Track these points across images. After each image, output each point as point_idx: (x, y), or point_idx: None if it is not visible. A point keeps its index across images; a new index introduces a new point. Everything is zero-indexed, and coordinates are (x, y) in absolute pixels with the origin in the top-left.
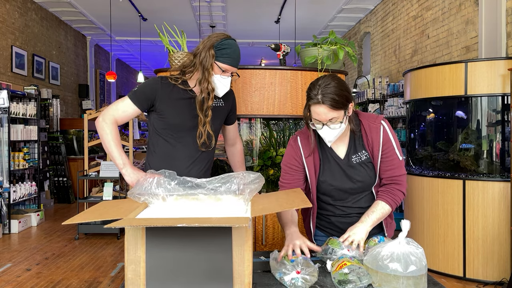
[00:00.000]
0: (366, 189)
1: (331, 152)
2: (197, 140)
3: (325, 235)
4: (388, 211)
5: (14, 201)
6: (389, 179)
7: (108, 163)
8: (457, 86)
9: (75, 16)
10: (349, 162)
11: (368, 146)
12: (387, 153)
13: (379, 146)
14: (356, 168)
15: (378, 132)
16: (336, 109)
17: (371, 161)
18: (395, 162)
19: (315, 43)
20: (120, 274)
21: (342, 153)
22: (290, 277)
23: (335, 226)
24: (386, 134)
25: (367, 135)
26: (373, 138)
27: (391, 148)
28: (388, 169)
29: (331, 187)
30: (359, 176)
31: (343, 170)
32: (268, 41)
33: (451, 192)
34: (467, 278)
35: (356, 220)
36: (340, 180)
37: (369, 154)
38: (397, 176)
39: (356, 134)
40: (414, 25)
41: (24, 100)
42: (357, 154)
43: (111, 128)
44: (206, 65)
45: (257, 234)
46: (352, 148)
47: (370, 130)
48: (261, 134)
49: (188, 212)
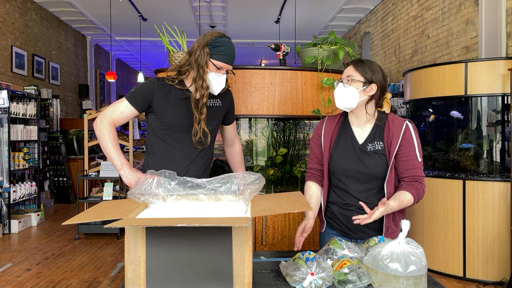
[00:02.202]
0: (373, 181)
1: (351, 135)
2: (192, 138)
3: (329, 226)
4: (409, 200)
5: (14, 201)
6: (410, 178)
7: (108, 163)
8: (457, 86)
9: (75, 16)
10: (364, 147)
11: (387, 139)
12: (407, 153)
13: (398, 140)
14: (368, 154)
15: (400, 128)
16: (357, 71)
17: (384, 153)
18: (415, 163)
19: (315, 43)
20: (120, 274)
21: (361, 139)
22: (308, 281)
23: (335, 217)
24: (409, 133)
25: (389, 128)
26: (394, 132)
27: (412, 148)
28: (409, 168)
29: (340, 166)
30: (368, 161)
31: (355, 152)
32: (268, 41)
33: (451, 192)
34: (467, 278)
35: (356, 213)
36: (348, 160)
37: (385, 146)
38: (419, 176)
39: (380, 126)
40: (414, 25)
41: (24, 100)
42: (374, 143)
43: (108, 129)
44: (201, 63)
45: (257, 234)
46: (372, 136)
47: (393, 124)
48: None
49: (188, 212)
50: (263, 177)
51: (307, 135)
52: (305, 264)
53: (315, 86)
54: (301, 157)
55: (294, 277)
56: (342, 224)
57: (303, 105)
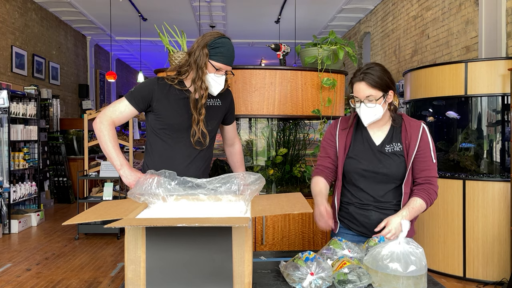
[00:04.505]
0: (391, 181)
1: (368, 137)
2: (191, 139)
3: (343, 226)
4: (423, 208)
5: (14, 201)
6: (424, 179)
7: (108, 163)
8: (457, 86)
9: (75, 16)
10: (382, 149)
11: (405, 140)
12: (423, 154)
13: (416, 142)
14: (387, 156)
15: (417, 130)
16: (374, 87)
17: (403, 155)
18: (430, 164)
19: (315, 43)
20: (120, 274)
21: (378, 140)
22: (308, 281)
23: (353, 217)
24: (426, 135)
25: (406, 130)
26: (412, 134)
27: (428, 150)
28: (423, 169)
29: (357, 167)
30: (387, 163)
31: (373, 154)
32: (268, 41)
33: (451, 192)
34: (467, 278)
35: (374, 213)
36: (367, 161)
37: (404, 148)
38: (432, 177)
39: (396, 127)
40: (414, 25)
41: (24, 100)
42: (392, 145)
43: (108, 129)
44: (200, 64)
45: (257, 234)
46: (389, 138)
47: (410, 126)
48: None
49: (188, 212)
50: (263, 177)
51: (307, 135)
52: (304, 264)
53: (315, 86)
54: (301, 157)
55: (293, 277)
56: (360, 224)
57: (303, 105)
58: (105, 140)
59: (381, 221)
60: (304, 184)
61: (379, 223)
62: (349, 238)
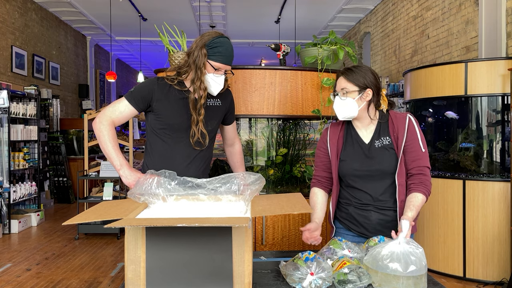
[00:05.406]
0: (386, 177)
1: (357, 137)
2: (190, 139)
3: (343, 227)
4: (424, 201)
5: (14, 201)
6: (416, 169)
7: (108, 163)
8: (457, 86)
9: (75, 16)
10: (371, 146)
11: (393, 133)
12: (412, 144)
13: (404, 133)
14: (377, 151)
15: (404, 122)
16: (350, 81)
17: (393, 147)
18: (420, 153)
19: (315, 43)
20: (120, 274)
21: (367, 139)
22: (308, 281)
23: (352, 218)
24: (412, 125)
25: (393, 123)
26: (399, 126)
27: (415, 139)
28: (414, 159)
29: (351, 168)
30: (378, 158)
31: (364, 153)
32: (268, 41)
33: (451, 192)
34: (467, 278)
35: (374, 213)
36: (359, 161)
37: (393, 140)
38: (424, 167)
39: (382, 123)
40: (414, 25)
41: (24, 100)
42: (380, 139)
43: (108, 129)
44: (198, 64)
45: (257, 234)
46: (377, 133)
47: (396, 119)
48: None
49: (188, 212)
50: (263, 177)
51: (307, 135)
52: (304, 264)
53: (315, 86)
54: (301, 157)
55: (293, 277)
56: (359, 225)
57: (303, 105)
58: (104, 140)
59: (381, 222)
60: (304, 184)
61: (379, 223)
62: (349, 239)
